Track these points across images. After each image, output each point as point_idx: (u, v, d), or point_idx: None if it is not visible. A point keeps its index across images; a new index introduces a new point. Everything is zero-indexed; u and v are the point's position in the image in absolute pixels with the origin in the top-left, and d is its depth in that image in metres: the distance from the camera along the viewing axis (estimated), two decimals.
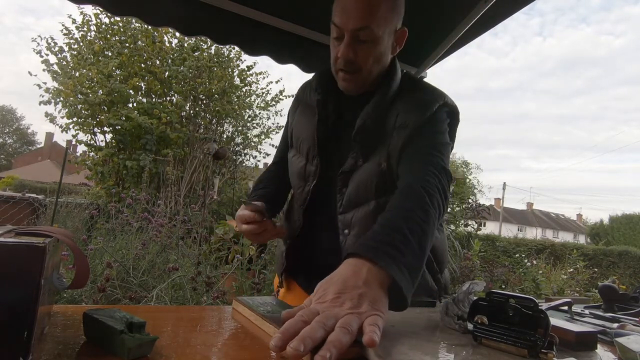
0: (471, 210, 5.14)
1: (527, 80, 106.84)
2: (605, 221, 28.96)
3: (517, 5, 1.67)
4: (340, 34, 0.87)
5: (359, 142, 0.91)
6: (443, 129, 0.92)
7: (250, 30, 1.77)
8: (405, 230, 0.66)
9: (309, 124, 0.99)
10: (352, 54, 0.87)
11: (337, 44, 0.89)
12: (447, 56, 2.01)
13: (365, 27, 0.85)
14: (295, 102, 1.10)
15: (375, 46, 0.88)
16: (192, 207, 4.09)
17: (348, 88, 0.93)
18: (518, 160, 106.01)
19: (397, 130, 0.89)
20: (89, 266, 0.54)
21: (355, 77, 0.91)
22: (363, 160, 0.91)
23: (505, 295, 0.58)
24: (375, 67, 0.91)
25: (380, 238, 0.64)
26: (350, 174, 0.92)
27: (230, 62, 7.97)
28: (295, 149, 1.04)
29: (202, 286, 2.24)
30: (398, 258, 0.61)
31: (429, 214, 0.73)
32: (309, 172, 0.98)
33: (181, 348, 0.49)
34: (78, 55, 7.02)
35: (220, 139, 7.59)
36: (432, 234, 0.72)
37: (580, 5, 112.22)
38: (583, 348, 0.62)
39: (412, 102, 0.92)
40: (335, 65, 0.91)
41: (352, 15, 0.85)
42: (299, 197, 1.02)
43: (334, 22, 0.88)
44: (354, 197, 0.92)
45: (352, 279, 0.57)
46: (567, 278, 5.77)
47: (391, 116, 0.91)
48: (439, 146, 0.88)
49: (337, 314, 0.51)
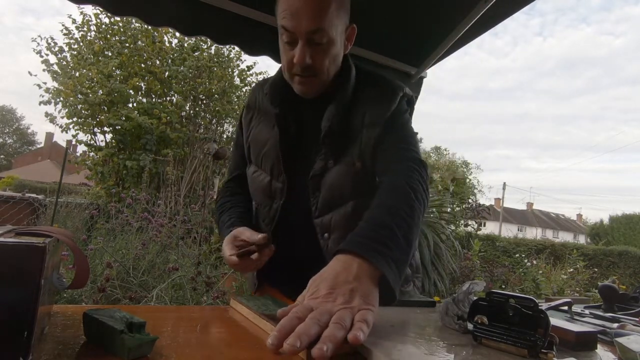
0: (471, 210, 5.14)
1: (527, 80, 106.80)
2: (605, 221, 28.97)
3: (517, 5, 1.67)
4: (292, 38, 0.83)
5: (328, 144, 0.90)
6: (407, 119, 0.94)
7: (250, 30, 1.77)
8: (392, 226, 0.68)
9: (270, 139, 0.95)
10: (308, 58, 0.83)
11: (290, 48, 0.85)
12: (447, 56, 2.01)
13: (318, 29, 0.82)
14: (247, 110, 1.04)
15: (329, 47, 0.85)
16: (192, 207, 4.09)
17: (306, 92, 0.90)
18: (518, 160, 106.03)
19: (367, 128, 0.89)
20: (89, 266, 0.54)
21: (312, 80, 0.88)
22: (334, 161, 0.90)
23: (505, 295, 0.58)
24: (332, 68, 0.89)
25: (368, 234, 0.66)
26: (321, 177, 0.91)
27: (230, 62, 7.98)
28: (256, 165, 1.00)
29: (202, 286, 2.24)
30: (386, 253, 0.63)
31: (414, 209, 0.75)
32: (275, 189, 0.95)
33: (181, 348, 0.49)
34: (78, 55, 7.03)
35: (220, 139, 7.59)
36: (417, 228, 0.74)
37: (581, 5, 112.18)
38: (583, 348, 0.62)
39: (375, 97, 0.92)
40: (291, 70, 0.87)
41: (304, 17, 0.81)
42: (266, 215, 0.99)
43: (283, 26, 0.83)
44: (329, 200, 0.90)
45: (343, 275, 0.58)
46: (567, 278, 5.77)
47: (357, 114, 0.91)
48: (410, 139, 0.90)
49: (331, 310, 0.53)
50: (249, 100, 1.05)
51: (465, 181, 25.94)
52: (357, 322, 0.51)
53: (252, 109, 1.03)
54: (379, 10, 1.71)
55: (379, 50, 1.96)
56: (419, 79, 2.12)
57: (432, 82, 76.76)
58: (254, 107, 1.03)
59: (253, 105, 1.03)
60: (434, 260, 3.42)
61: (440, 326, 0.68)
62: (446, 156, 29.01)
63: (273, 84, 0.97)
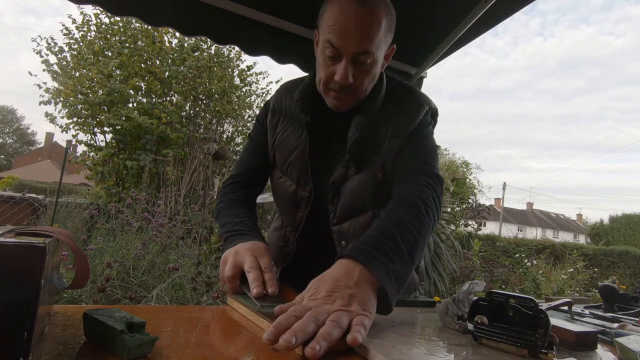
0: (471, 210, 5.14)
1: (527, 81, 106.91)
2: (605, 221, 28.96)
3: (517, 4, 1.67)
4: (337, 54, 0.82)
5: (352, 152, 0.89)
6: (430, 132, 0.94)
7: (250, 30, 1.77)
8: (397, 239, 0.68)
9: (298, 147, 0.94)
10: (351, 77, 0.82)
11: (331, 63, 0.83)
12: (447, 56, 2.01)
13: (366, 51, 0.81)
14: (272, 114, 1.01)
15: (372, 68, 0.84)
16: (192, 207, 4.09)
17: (340, 107, 0.89)
18: (518, 160, 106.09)
19: (389, 140, 0.89)
20: (89, 266, 0.54)
21: (348, 97, 0.87)
22: (355, 170, 0.89)
23: (505, 295, 0.58)
24: (369, 87, 0.89)
25: (373, 243, 0.66)
26: (341, 184, 0.90)
27: (230, 62, 7.99)
28: (281, 172, 0.99)
29: (202, 286, 2.24)
30: (388, 265, 0.63)
31: (423, 224, 0.74)
32: (301, 199, 0.95)
33: (181, 348, 0.49)
34: (78, 55, 7.03)
35: (220, 139, 7.60)
36: (423, 243, 0.74)
37: (582, 5, 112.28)
38: (583, 348, 0.62)
39: (401, 110, 0.92)
40: (328, 85, 0.86)
41: (354, 38, 0.79)
42: (291, 222, 0.98)
43: (330, 42, 0.81)
44: (349, 208, 0.90)
45: (344, 279, 0.59)
46: (567, 278, 5.77)
47: (382, 125, 0.90)
48: (430, 152, 0.90)
49: (329, 310, 0.54)
50: (274, 104, 1.02)
51: (465, 181, 25.95)
52: (355, 325, 0.52)
53: (278, 113, 1.00)
54: None
55: None
56: (419, 79, 2.12)
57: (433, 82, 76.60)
58: (279, 111, 1.00)
59: (279, 110, 1.00)
60: (434, 260, 3.42)
61: (441, 326, 0.68)
62: (446, 156, 29.02)
63: (303, 92, 0.94)
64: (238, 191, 1.01)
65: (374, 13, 0.80)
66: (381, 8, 0.81)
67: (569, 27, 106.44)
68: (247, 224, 0.89)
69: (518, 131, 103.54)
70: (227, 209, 0.95)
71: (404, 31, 1.91)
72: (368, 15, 0.79)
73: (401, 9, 1.75)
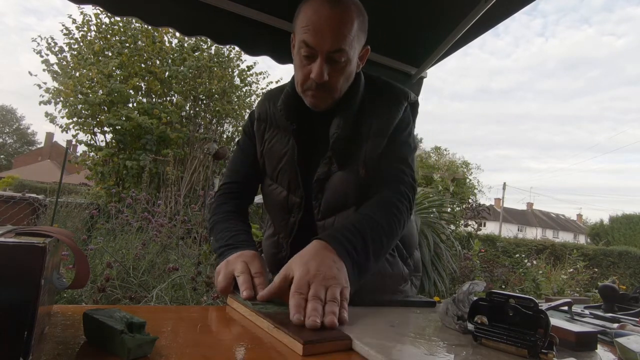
0: (471, 210, 5.14)
1: (528, 81, 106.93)
2: (605, 221, 28.97)
3: (517, 4, 1.67)
4: (312, 53, 0.84)
5: (335, 149, 0.91)
6: (410, 132, 0.97)
7: (250, 30, 1.77)
8: (367, 239, 0.77)
9: (286, 154, 0.96)
10: (326, 75, 0.85)
11: (307, 62, 0.86)
12: (447, 56, 2.01)
13: (340, 49, 0.83)
14: (258, 122, 1.03)
15: (346, 66, 0.87)
16: (192, 207, 4.09)
17: (317, 105, 0.91)
18: (518, 161, 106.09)
19: (373, 137, 0.91)
20: (89, 266, 0.54)
21: (325, 96, 0.89)
22: (338, 166, 0.91)
23: (505, 296, 0.58)
24: (345, 86, 0.91)
25: (345, 235, 0.75)
26: (325, 181, 0.92)
27: (230, 62, 7.99)
28: (271, 179, 1.01)
29: (202, 286, 2.24)
30: (354, 257, 0.73)
31: (392, 231, 0.83)
32: (292, 204, 0.97)
33: (181, 348, 0.49)
34: (78, 55, 7.03)
35: (220, 139, 7.59)
36: (389, 247, 0.84)
37: (583, 5, 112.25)
38: (583, 348, 0.62)
39: (381, 107, 0.95)
40: (305, 84, 0.89)
41: (328, 37, 0.82)
42: (284, 228, 1.00)
43: (304, 41, 0.84)
44: (333, 204, 0.92)
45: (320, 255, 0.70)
46: (567, 278, 5.77)
47: (363, 123, 0.92)
48: (409, 158, 0.94)
49: (325, 285, 0.65)
50: (259, 112, 1.04)
51: (465, 181, 25.95)
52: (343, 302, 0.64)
53: (264, 121, 1.02)
54: (379, 10, 1.71)
55: (379, 50, 1.95)
56: (419, 79, 2.12)
57: (434, 82, 76.56)
58: (265, 119, 1.02)
59: (264, 118, 1.02)
60: (434, 260, 3.42)
61: (440, 326, 0.68)
62: (446, 156, 28.99)
63: (286, 99, 0.96)
64: (230, 202, 1.03)
65: (347, 13, 0.83)
66: (353, 9, 0.85)
67: (570, 28, 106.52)
68: (240, 238, 0.90)
69: (518, 131, 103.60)
70: (220, 223, 0.96)
71: (404, 31, 1.92)
72: (341, 15, 0.83)
73: (401, 9, 1.76)
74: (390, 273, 0.99)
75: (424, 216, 3.68)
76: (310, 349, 0.51)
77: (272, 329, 0.58)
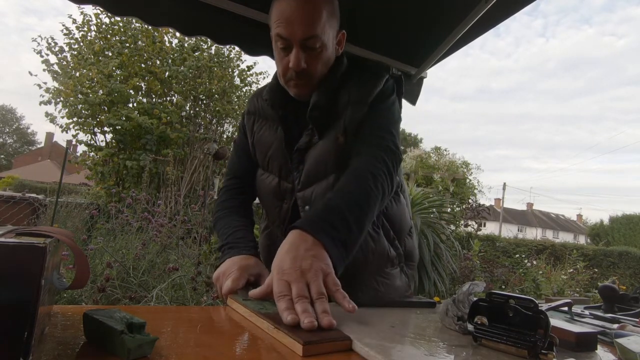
0: (471, 210, 5.13)
1: (528, 81, 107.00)
2: (605, 222, 28.96)
3: (518, 4, 1.67)
4: (287, 44, 0.88)
5: (314, 119, 0.93)
6: (392, 103, 0.97)
7: (250, 30, 1.77)
8: (344, 211, 0.75)
9: (275, 142, 0.99)
10: (303, 62, 0.88)
11: (285, 54, 0.90)
12: (447, 56, 2.01)
13: (312, 36, 0.87)
14: (247, 116, 1.08)
15: (322, 52, 0.90)
16: (192, 207, 4.09)
17: (300, 94, 0.94)
18: (519, 161, 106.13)
19: (352, 105, 0.93)
20: (89, 266, 0.54)
21: (305, 83, 0.92)
22: (319, 137, 0.94)
23: (505, 296, 0.58)
24: (324, 71, 0.94)
25: (320, 215, 0.74)
26: (305, 151, 0.95)
27: (230, 62, 7.99)
28: (263, 168, 1.03)
29: (202, 286, 2.24)
30: (333, 234, 0.71)
31: (370, 196, 0.81)
32: (284, 190, 0.98)
33: (181, 348, 0.49)
34: (78, 55, 7.03)
35: (220, 139, 7.59)
36: (372, 213, 0.82)
37: (583, 6, 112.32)
38: (583, 349, 0.62)
39: (362, 78, 0.97)
40: (286, 75, 0.92)
41: (297, 25, 0.86)
42: (277, 216, 1.01)
43: (278, 34, 0.88)
44: (313, 173, 0.93)
45: (302, 247, 0.67)
46: (567, 278, 5.77)
47: (343, 93, 0.95)
48: (389, 126, 0.94)
49: (306, 281, 0.63)
50: (248, 107, 1.09)
51: (465, 181, 25.91)
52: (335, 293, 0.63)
53: (253, 114, 1.07)
54: (378, 10, 1.71)
55: (379, 50, 1.95)
56: (419, 79, 2.11)
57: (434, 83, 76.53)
58: (254, 112, 1.07)
59: (253, 111, 1.07)
60: (434, 261, 3.42)
61: (440, 327, 0.68)
62: (446, 156, 28.98)
63: (271, 90, 1.00)
64: (232, 197, 1.07)
65: (314, 1, 0.87)
66: None
67: (571, 28, 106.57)
68: (238, 235, 0.93)
69: (519, 131, 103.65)
70: (223, 219, 1.01)
71: (404, 31, 1.92)
72: (308, 3, 0.86)
73: (401, 9, 1.75)
74: (372, 248, 0.97)
75: (424, 216, 3.67)
76: (310, 349, 0.51)
77: (272, 330, 0.57)
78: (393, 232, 1.03)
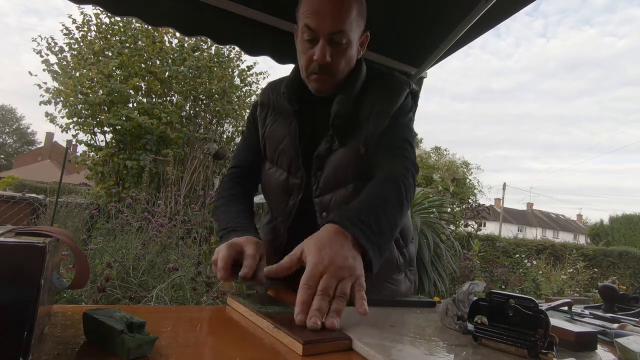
0: (471, 210, 5.13)
1: (529, 81, 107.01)
2: (605, 222, 28.94)
3: (518, 4, 1.67)
4: (314, 36, 0.88)
5: (336, 127, 0.92)
6: (411, 118, 0.99)
7: (250, 30, 1.77)
8: (381, 215, 0.75)
9: (287, 136, 0.98)
10: (328, 56, 0.87)
11: (310, 46, 0.89)
12: (447, 56, 2.01)
13: (340, 30, 0.86)
14: (260, 108, 1.06)
15: (347, 49, 0.90)
16: (192, 207, 4.09)
17: (320, 89, 0.94)
18: (519, 161, 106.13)
19: (375, 117, 0.92)
20: (89, 266, 0.54)
21: (327, 78, 0.92)
22: (339, 144, 0.93)
23: (505, 296, 0.58)
24: (346, 69, 0.93)
25: (359, 216, 0.73)
26: (325, 157, 0.94)
27: (230, 62, 7.98)
28: (271, 162, 1.02)
29: (202, 286, 2.24)
30: (372, 237, 0.70)
31: (403, 205, 0.83)
32: (292, 186, 0.97)
33: (181, 348, 0.49)
34: (78, 55, 7.03)
35: (220, 139, 7.59)
36: (401, 222, 0.83)
37: (584, 6, 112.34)
38: (583, 348, 0.62)
39: (383, 89, 0.97)
40: (308, 68, 0.91)
41: (328, 18, 0.85)
42: (282, 212, 1.00)
43: (307, 25, 0.87)
44: (332, 180, 0.93)
45: (337, 243, 0.66)
46: (567, 278, 5.76)
47: (365, 103, 0.94)
48: (410, 140, 0.95)
49: (337, 280, 0.62)
50: (261, 99, 1.07)
51: (465, 181, 25.92)
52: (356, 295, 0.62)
53: (266, 107, 1.05)
54: (379, 10, 1.71)
55: (379, 50, 1.95)
56: (419, 79, 2.11)
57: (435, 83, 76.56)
58: (267, 105, 1.05)
59: (267, 104, 1.05)
60: (434, 261, 3.42)
61: (440, 326, 0.68)
62: (446, 156, 28.97)
63: (289, 84, 0.99)
64: (237, 186, 1.05)
65: None
66: None
67: (572, 28, 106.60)
68: (241, 222, 0.91)
69: (519, 132, 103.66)
70: (224, 206, 0.99)
71: (404, 31, 1.92)
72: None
73: (401, 9, 1.75)
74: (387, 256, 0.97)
75: (424, 216, 3.67)
76: (310, 349, 0.51)
77: (272, 329, 0.58)
78: (401, 240, 1.05)
